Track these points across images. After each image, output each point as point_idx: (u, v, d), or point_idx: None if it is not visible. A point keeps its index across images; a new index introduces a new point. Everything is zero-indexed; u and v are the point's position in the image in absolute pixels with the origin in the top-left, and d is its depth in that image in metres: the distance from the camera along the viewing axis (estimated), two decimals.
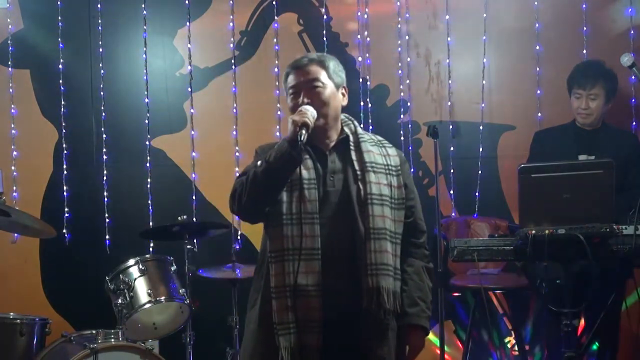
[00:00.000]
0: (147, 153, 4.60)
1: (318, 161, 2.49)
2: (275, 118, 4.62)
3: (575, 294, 3.12)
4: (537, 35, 4.53)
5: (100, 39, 4.62)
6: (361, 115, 4.54)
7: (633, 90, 4.43)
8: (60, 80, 4.60)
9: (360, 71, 4.64)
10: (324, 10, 4.65)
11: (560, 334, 3.13)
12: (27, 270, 4.58)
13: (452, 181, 4.57)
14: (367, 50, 4.66)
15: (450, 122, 4.61)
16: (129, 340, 3.59)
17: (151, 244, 4.50)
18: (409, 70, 4.65)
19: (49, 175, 4.63)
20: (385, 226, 2.45)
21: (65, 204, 4.57)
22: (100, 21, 4.62)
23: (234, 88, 4.65)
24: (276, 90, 4.62)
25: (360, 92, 4.57)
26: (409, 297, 2.51)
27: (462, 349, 4.30)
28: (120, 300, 3.70)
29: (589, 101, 3.88)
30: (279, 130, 4.59)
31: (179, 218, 3.90)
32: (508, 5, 4.64)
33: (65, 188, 4.58)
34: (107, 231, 4.56)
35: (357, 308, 2.41)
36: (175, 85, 4.68)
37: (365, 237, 2.42)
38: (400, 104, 4.65)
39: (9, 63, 4.59)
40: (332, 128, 2.55)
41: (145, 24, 4.61)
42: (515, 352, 4.37)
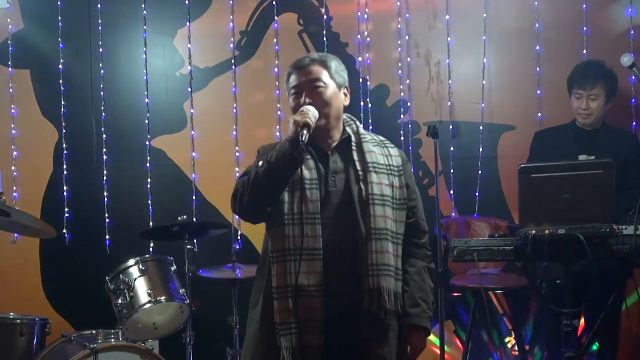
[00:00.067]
0: (147, 153, 4.60)
1: (320, 161, 2.49)
2: (275, 118, 4.62)
3: (575, 294, 3.12)
4: (537, 35, 4.53)
5: (100, 39, 4.62)
6: (361, 115, 4.54)
7: (633, 90, 4.43)
8: (60, 80, 4.60)
9: (360, 71, 4.64)
10: (324, 10, 4.65)
11: (560, 334, 3.13)
12: (27, 270, 4.58)
13: (452, 181, 4.57)
14: (367, 50, 4.66)
15: (450, 122, 4.61)
16: (129, 340, 3.58)
17: (151, 244, 4.50)
18: (409, 70, 4.65)
19: (49, 175, 4.63)
20: (387, 226, 2.44)
21: (65, 204, 4.57)
22: (100, 21, 4.62)
23: (234, 88, 4.65)
24: (276, 90, 4.62)
25: (360, 92, 4.57)
26: (410, 298, 2.51)
27: (462, 349, 4.30)
28: (120, 300, 3.70)
29: (589, 101, 3.88)
30: (279, 130, 4.59)
31: (179, 218, 3.90)
32: (508, 5, 4.64)
33: (65, 188, 4.58)
34: (107, 231, 4.56)
35: (358, 308, 2.41)
36: (175, 85, 4.68)
37: (367, 238, 2.42)
38: (400, 104, 4.65)
39: (9, 63, 4.59)
40: (334, 128, 2.54)
41: (145, 23, 4.61)
42: (515, 352, 4.37)
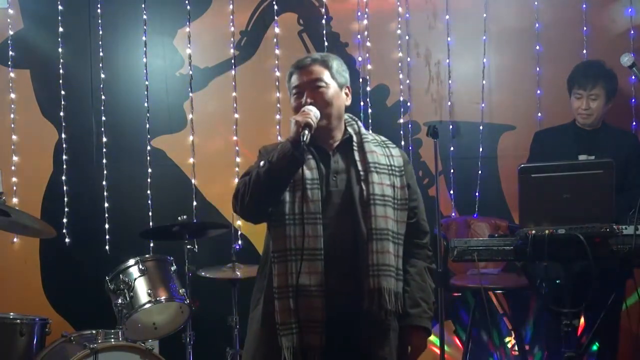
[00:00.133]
0: (147, 153, 4.60)
1: (321, 161, 2.49)
2: (275, 118, 4.61)
3: (575, 294, 3.12)
4: (537, 35, 4.53)
5: (100, 39, 4.62)
6: (361, 116, 4.53)
7: (633, 90, 4.43)
8: (60, 81, 4.60)
9: (360, 71, 4.64)
10: (324, 10, 4.65)
11: (560, 334, 3.12)
12: (27, 271, 4.58)
13: (452, 181, 4.57)
14: (367, 50, 4.66)
15: (450, 122, 4.61)
16: (129, 340, 3.59)
17: (151, 244, 4.50)
18: (409, 70, 4.65)
19: (49, 176, 4.62)
20: (388, 227, 2.44)
21: (65, 204, 4.56)
22: (100, 21, 4.61)
23: (234, 88, 4.65)
24: (276, 90, 4.61)
25: (360, 92, 4.57)
26: (411, 298, 2.51)
27: (462, 349, 4.30)
28: (120, 300, 3.70)
29: (590, 101, 3.88)
30: (279, 130, 4.59)
31: (179, 218, 3.90)
32: (508, 5, 4.64)
33: (65, 188, 4.58)
34: (107, 231, 4.56)
35: (359, 308, 2.41)
36: (175, 85, 4.68)
37: (368, 238, 2.42)
38: (400, 104, 4.65)
39: (9, 63, 4.59)
40: (336, 128, 2.54)
41: (145, 24, 4.61)
42: (515, 352, 4.37)
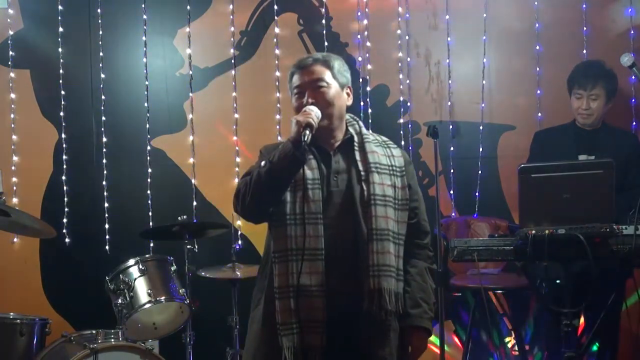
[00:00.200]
0: (147, 153, 4.60)
1: (322, 161, 2.49)
2: (275, 118, 4.61)
3: (575, 294, 3.12)
4: (537, 35, 4.53)
5: (100, 39, 4.62)
6: (361, 116, 4.53)
7: (633, 90, 4.43)
8: (60, 81, 4.60)
9: (360, 71, 4.64)
10: (324, 10, 4.65)
11: (560, 334, 3.12)
12: (27, 271, 4.58)
13: (452, 181, 4.57)
14: (367, 50, 4.65)
15: (450, 122, 4.61)
16: (129, 340, 3.58)
17: (151, 244, 4.50)
18: (409, 70, 4.65)
19: (49, 176, 4.62)
20: (388, 227, 2.45)
21: (65, 204, 4.56)
22: (100, 21, 4.61)
23: (234, 88, 4.65)
24: (276, 90, 4.60)
25: (360, 93, 4.57)
26: (411, 298, 2.51)
27: (462, 349, 4.30)
28: (120, 300, 3.70)
29: (590, 101, 3.88)
30: (279, 130, 4.58)
31: (179, 218, 3.90)
32: (508, 5, 4.64)
33: (65, 188, 4.58)
34: (107, 231, 4.56)
35: (360, 309, 2.41)
36: (175, 85, 4.68)
37: (368, 238, 2.42)
38: (400, 104, 4.65)
39: (9, 63, 4.59)
40: (337, 128, 2.54)
41: (145, 24, 4.61)
42: (515, 352, 4.37)
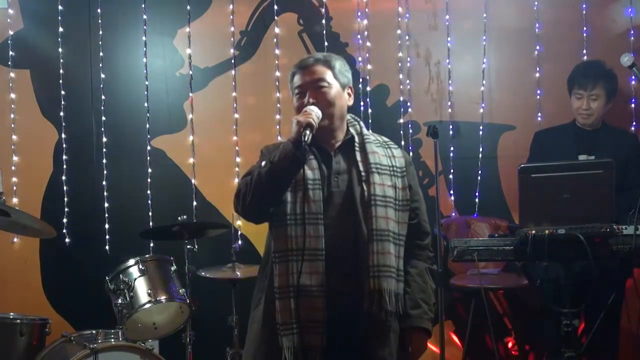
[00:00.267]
0: (147, 153, 4.60)
1: (323, 162, 2.49)
2: (275, 118, 4.60)
3: (575, 294, 3.12)
4: (537, 35, 4.53)
5: (100, 39, 4.62)
6: (361, 116, 4.53)
7: (633, 90, 4.43)
8: (60, 81, 4.60)
9: (360, 71, 4.64)
10: (324, 10, 4.65)
11: (560, 334, 3.13)
12: (27, 271, 4.58)
13: (452, 181, 4.57)
14: (367, 50, 4.65)
15: (450, 122, 4.61)
16: (129, 340, 3.58)
17: (151, 244, 4.50)
18: (409, 70, 4.65)
19: (49, 176, 4.62)
20: (389, 228, 2.45)
21: (65, 204, 4.56)
22: (100, 21, 4.61)
23: (234, 88, 4.65)
24: (276, 90, 4.60)
25: (360, 93, 4.57)
26: (411, 299, 2.51)
27: (462, 349, 4.30)
28: (120, 300, 3.70)
29: (590, 101, 3.88)
30: (279, 130, 4.58)
31: (179, 218, 3.90)
32: (508, 5, 4.64)
33: (65, 188, 4.58)
34: (107, 231, 4.56)
35: (360, 309, 2.41)
36: (175, 85, 4.68)
37: (368, 239, 2.42)
38: (400, 104, 4.65)
39: (9, 63, 4.59)
40: (338, 128, 2.54)
41: (145, 24, 4.61)
42: (515, 352, 4.37)
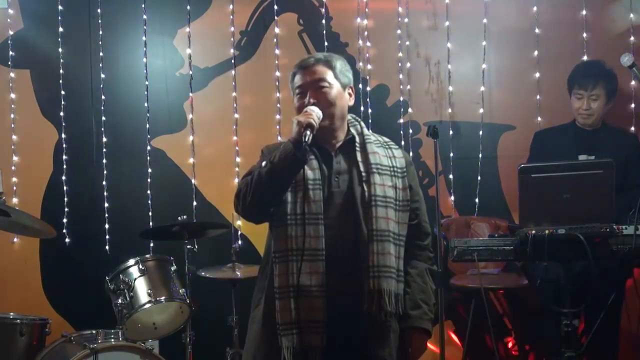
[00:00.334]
0: (147, 153, 4.60)
1: (324, 162, 2.49)
2: (275, 118, 4.60)
3: (575, 294, 3.12)
4: (537, 36, 4.53)
5: (100, 39, 4.62)
6: (361, 116, 4.53)
7: (633, 91, 4.43)
8: (60, 81, 4.60)
9: (360, 71, 4.64)
10: (324, 10, 4.65)
11: (560, 334, 3.13)
12: (27, 271, 4.58)
13: (452, 181, 4.57)
14: (367, 50, 4.65)
15: (450, 122, 4.61)
16: (129, 340, 3.58)
17: (151, 244, 4.50)
18: (408, 70, 4.65)
19: (49, 176, 4.63)
20: (389, 228, 2.45)
21: (65, 204, 4.57)
22: (100, 21, 4.62)
23: (234, 88, 4.65)
24: (276, 90, 4.60)
25: (360, 93, 4.57)
26: (411, 300, 2.51)
27: (462, 349, 4.30)
28: (120, 300, 3.70)
29: (591, 102, 3.88)
30: (279, 130, 4.58)
31: (179, 218, 3.90)
32: (508, 5, 4.64)
33: (65, 188, 4.58)
34: (107, 231, 4.56)
35: (360, 309, 2.41)
36: (175, 85, 4.68)
37: (368, 239, 2.42)
38: (400, 104, 4.65)
39: (9, 63, 4.60)
40: (338, 129, 2.55)
41: (145, 24, 4.61)
42: (516, 352, 4.36)
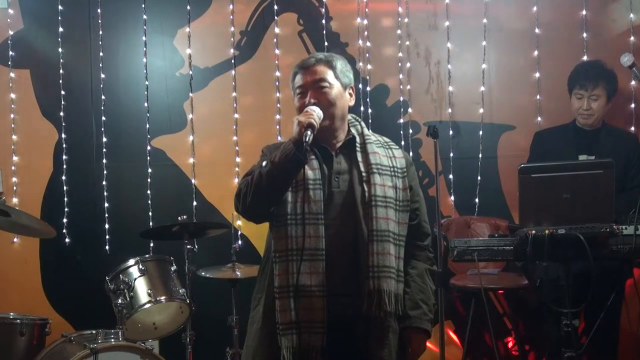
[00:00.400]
0: (147, 153, 4.60)
1: (324, 162, 2.49)
2: (275, 118, 4.60)
3: (575, 294, 3.12)
4: (537, 36, 4.53)
5: (100, 39, 4.62)
6: (361, 116, 4.53)
7: (633, 91, 4.43)
8: (60, 80, 4.61)
9: (360, 71, 4.63)
10: (324, 10, 4.65)
11: (560, 334, 3.13)
12: (27, 271, 4.58)
13: (452, 181, 4.57)
14: (367, 50, 4.65)
15: (450, 122, 4.61)
16: (129, 340, 3.58)
17: (151, 244, 4.50)
18: (409, 70, 4.65)
19: (49, 176, 4.63)
20: (389, 228, 2.45)
21: (65, 204, 4.57)
22: (100, 21, 4.62)
23: (234, 88, 4.65)
24: (276, 90, 4.60)
25: (360, 93, 4.57)
26: (411, 300, 2.51)
27: (462, 348, 4.30)
28: (120, 300, 3.69)
29: (591, 102, 3.88)
30: (279, 130, 4.58)
31: (179, 218, 3.90)
32: (508, 5, 4.63)
33: (65, 188, 4.58)
34: (107, 231, 4.56)
35: (359, 309, 2.41)
36: (175, 85, 4.68)
37: (368, 239, 2.42)
38: (400, 104, 4.65)
39: (9, 63, 4.60)
40: (339, 129, 2.55)
41: (145, 24, 4.61)
42: (516, 352, 4.36)
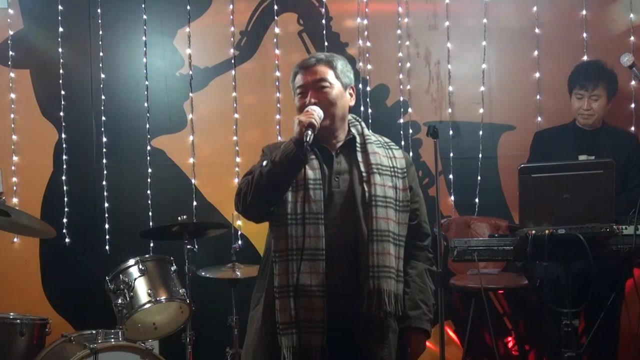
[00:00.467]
0: (147, 153, 4.60)
1: (324, 162, 2.49)
2: (275, 118, 4.61)
3: (575, 294, 3.12)
4: (537, 36, 4.53)
5: (100, 39, 4.62)
6: (361, 116, 4.53)
7: (633, 91, 4.43)
8: (60, 80, 4.61)
9: (360, 71, 4.63)
10: (324, 10, 4.65)
11: (560, 334, 3.13)
12: (27, 271, 4.58)
13: (452, 181, 4.57)
14: (367, 50, 4.65)
15: (450, 122, 4.61)
16: (129, 340, 3.58)
17: (151, 244, 4.50)
18: (409, 70, 4.65)
19: (49, 176, 4.63)
20: (389, 228, 2.45)
21: (65, 204, 4.57)
22: (100, 21, 4.62)
23: (234, 88, 4.65)
24: (276, 90, 4.60)
25: (360, 93, 4.57)
26: (411, 300, 2.51)
27: (462, 348, 4.30)
28: (120, 300, 3.70)
29: (591, 102, 3.88)
30: (279, 130, 4.58)
31: (179, 218, 3.90)
32: (508, 5, 4.64)
33: (65, 188, 4.58)
34: (107, 231, 4.56)
35: (359, 309, 2.41)
36: (175, 85, 4.68)
37: (368, 239, 2.42)
38: (400, 104, 4.65)
39: (9, 63, 4.60)
40: (339, 129, 2.55)
41: (145, 24, 4.61)
42: (516, 352, 4.36)
